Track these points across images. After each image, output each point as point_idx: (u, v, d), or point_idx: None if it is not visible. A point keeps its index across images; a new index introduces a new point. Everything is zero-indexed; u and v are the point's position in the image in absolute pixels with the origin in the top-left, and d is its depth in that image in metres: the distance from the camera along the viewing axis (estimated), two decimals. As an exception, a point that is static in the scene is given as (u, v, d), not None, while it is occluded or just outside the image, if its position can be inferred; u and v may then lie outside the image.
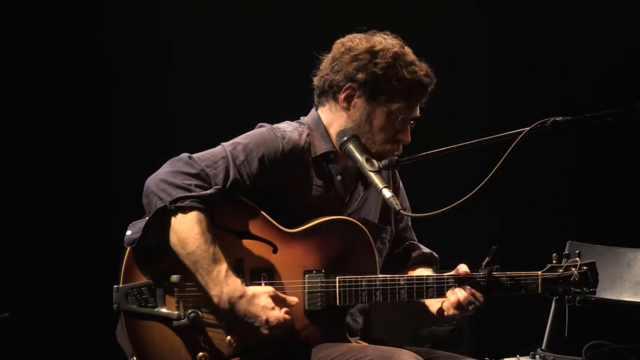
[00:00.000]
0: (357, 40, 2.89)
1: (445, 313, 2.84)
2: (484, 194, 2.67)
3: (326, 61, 2.92)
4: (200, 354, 2.69)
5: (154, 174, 2.72)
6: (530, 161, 4.66)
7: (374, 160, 2.80)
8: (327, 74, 2.90)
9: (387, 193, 2.73)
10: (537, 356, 3.70)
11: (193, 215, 2.65)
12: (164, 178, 2.68)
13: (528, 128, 2.73)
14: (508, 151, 2.70)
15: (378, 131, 2.86)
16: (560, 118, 2.74)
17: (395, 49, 2.85)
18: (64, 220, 4.63)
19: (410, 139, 2.90)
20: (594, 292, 2.84)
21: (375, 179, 2.77)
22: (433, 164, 2.89)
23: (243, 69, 4.94)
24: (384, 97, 2.84)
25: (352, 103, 2.87)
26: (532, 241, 4.83)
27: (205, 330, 2.70)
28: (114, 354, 2.79)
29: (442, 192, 3.00)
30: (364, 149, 2.83)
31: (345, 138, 2.84)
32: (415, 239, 3.17)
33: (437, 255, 3.14)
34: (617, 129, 3.62)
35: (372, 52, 2.84)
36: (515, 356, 3.66)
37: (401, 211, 2.77)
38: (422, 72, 2.85)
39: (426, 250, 3.14)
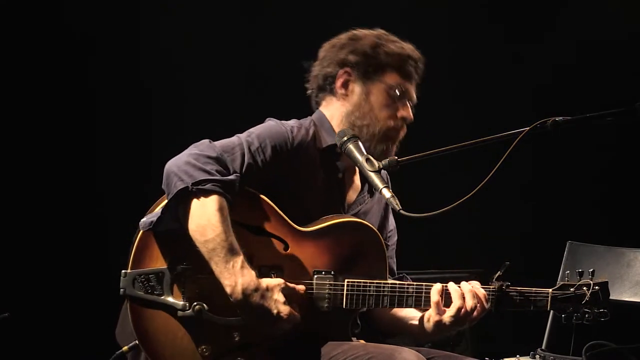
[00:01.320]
0: (339, 37, 3.00)
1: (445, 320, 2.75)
2: (484, 194, 2.67)
3: (315, 64, 3.00)
4: (203, 346, 2.68)
5: (174, 157, 2.70)
6: (530, 161, 4.66)
7: (374, 161, 2.79)
8: (319, 72, 2.98)
9: (387, 193, 2.73)
10: (537, 356, 3.69)
11: (214, 201, 2.63)
12: (186, 160, 2.66)
13: (528, 128, 2.73)
14: (508, 151, 2.70)
15: (379, 109, 2.90)
16: (560, 118, 2.74)
17: (378, 32, 2.96)
18: (63, 221, 4.63)
19: (412, 117, 2.94)
20: (605, 314, 2.78)
21: (375, 179, 2.76)
22: (433, 164, 2.89)
23: (243, 70, 4.95)
24: (378, 73, 2.91)
25: (349, 88, 2.94)
26: (532, 241, 4.85)
27: (209, 323, 2.68)
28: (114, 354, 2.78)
29: (442, 192, 3.00)
30: (363, 150, 2.83)
31: (345, 138, 2.84)
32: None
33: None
34: (617, 128, 3.62)
35: (356, 37, 2.96)
36: (515, 356, 3.65)
37: (401, 211, 2.77)
38: (409, 47, 2.95)
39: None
